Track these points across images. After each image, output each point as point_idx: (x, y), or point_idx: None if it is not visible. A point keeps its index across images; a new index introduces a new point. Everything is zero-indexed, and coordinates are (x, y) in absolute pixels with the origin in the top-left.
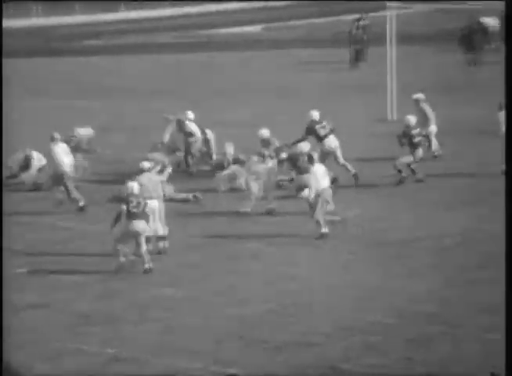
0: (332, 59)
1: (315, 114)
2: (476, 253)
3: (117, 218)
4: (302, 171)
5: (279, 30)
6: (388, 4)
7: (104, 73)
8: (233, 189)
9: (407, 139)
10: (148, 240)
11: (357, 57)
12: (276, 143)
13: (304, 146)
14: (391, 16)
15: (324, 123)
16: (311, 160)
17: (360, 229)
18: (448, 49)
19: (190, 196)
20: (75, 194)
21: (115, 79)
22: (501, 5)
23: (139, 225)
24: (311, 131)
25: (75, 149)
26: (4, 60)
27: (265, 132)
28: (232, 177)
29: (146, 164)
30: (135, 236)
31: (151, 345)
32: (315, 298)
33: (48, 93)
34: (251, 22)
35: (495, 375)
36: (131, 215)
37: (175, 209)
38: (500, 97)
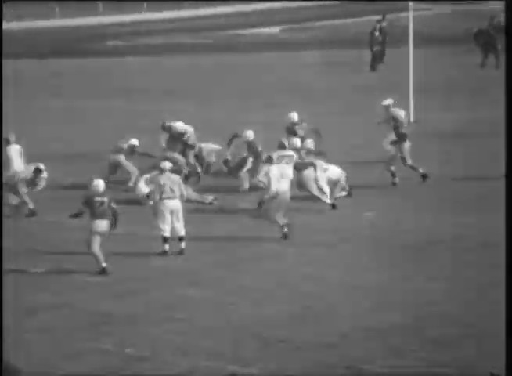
0: (351, 61)
1: (294, 116)
2: (494, 255)
3: (77, 215)
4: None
5: (297, 31)
6: (410, 4)
7: (126, 74)
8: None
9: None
10: (166, 240)
11: (377, 59)
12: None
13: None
14: (411, 16)
15: (304, 124)
16: (269, 160)
17: (379, 230)
18: (469, 50)
19: (209, 199)
20: (25, 198)
21: (137, 80)
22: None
23: (101, 224)
24: (290, 132)
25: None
26: (26, 60)
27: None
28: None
29: (167, 164)
30: (95, 235)
31: (171, 344)
32: (334, 298)
33: (69, 93)
34: (270, 23)
35: (495, 375)
36: (94, 214)
37: (195, 209)
38: None
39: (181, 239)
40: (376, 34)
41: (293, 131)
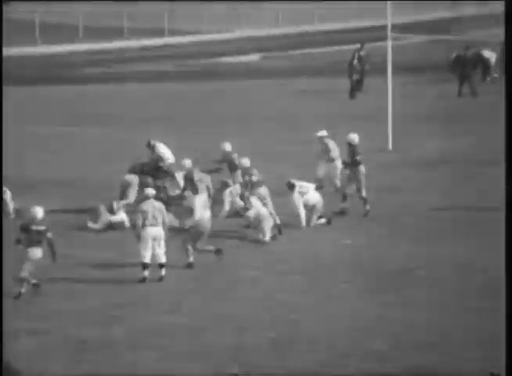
0: (330, 89)
1: (228, 146)
2: (474, 282)
3: (17, 241)
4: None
5: (277, 59)
6: (389, 34)
7: (104, 100)
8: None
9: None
10: (146, 266)
11: (356, 87)
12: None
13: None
14: (389, 45)
15: (235, 154)
16: (194, 190)
17: (357, 258)
18: (445, 79)
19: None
20: None
21: (115, 107)
22: (499, 37)
23: (36, 252)
24: (226, 161)
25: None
26: (4, 88)
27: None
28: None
29: (151, 191)
30: (27, 262)
31: (150, 371)
32: (312, 325)
33: (49, 120)
34: (250, 51)
35: (495, 375)
36: (30, 241)
37: (174, 235)
38: (499, 127)
39: (161, 266)
40: (355, 62)
41: (229, 160)
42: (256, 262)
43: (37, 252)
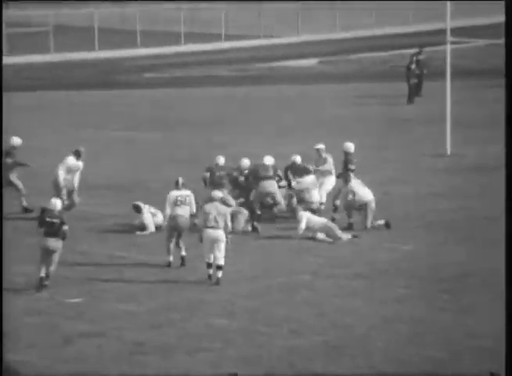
0: (388, 93)
1: (298, 158)
2: None
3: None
4: None
5: (335, 63)
6: (448, 38)
7: (162, 105)
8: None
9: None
10: (210, 266)
11: (414, 92)
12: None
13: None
14: (448, 49)
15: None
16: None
17: (413, 263)
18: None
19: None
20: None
21: (173, 111)
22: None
23: (53, 243)
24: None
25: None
26: (65, 92)
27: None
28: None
29: (218, 194)
30: (48, 253)
31: (204, 375)
32: (368, 330)
33: (107, 125)
34: (308, 55)
35: (494, 375)
36: (47, 232)
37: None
38: None
39: (219, 267)
40: (413, 66)
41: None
42: (311, 266)
43: (51, 243)
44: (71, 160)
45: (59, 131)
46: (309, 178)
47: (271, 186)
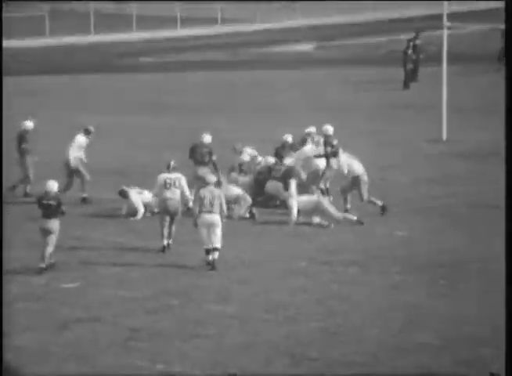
0: (384, 78)
1: (290, 138)
2: None
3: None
4: None
5: (331, 49)
6: (445, 23)
7: (156, 89)
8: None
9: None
10: (208, 251)
11: (410, 77)
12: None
13: None
14: (444, 34)
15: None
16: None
17: (409, 249)
18: (501, 69)
19: (247, 214)
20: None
21: (166, 96)
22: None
23: (49, 224)
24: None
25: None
26: (62, 76)
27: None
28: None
29: (212, 178)
30: (46, 234)
31: (201, 361)
32: (364, 317)
33: (102, 110)
34: (303, 40)
35: (494, 375)
36: (44, 214)
37: (226, 225)
38: None
39: (215, 249)
40: (409, 52)
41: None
42: (307, 253)
43: (48, 224)
44: (81, 138)
45: (55, 115)
46: (307, 148)
47: (274, 188)
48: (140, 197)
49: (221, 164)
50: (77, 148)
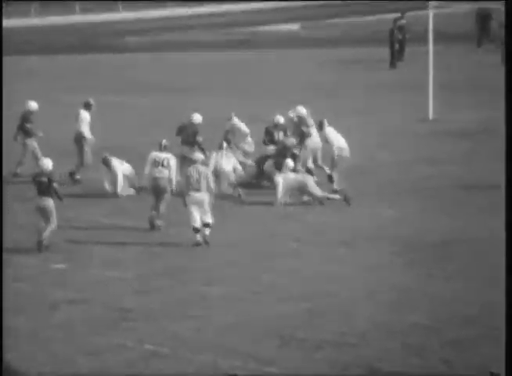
0: (370, 58)
1: (281, 119)
2: None
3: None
4: None
5: (317, 29)
6: (430, 3)
7: (143, 69)
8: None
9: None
10: (197, 230)
11: (396, 57)
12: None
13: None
14: (430, 14)
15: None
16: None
17: (396, 230)
18: (488, 49)
19: (237, 194)
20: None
21: (156, 76)
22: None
23: (43, 201)
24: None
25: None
26: (49, 56)
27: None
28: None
29: (199, 156)
30: (41, 212)
31: (190, 342)
32: (353, 297)
33: (91, 90)
34: (289, 20)
35: (494, 375)
36: (40, 192)
37: (214, 206)
38: None
39: (206, 225)
40: (396, 31)
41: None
42: (296, 233)
43: (41, 202)
44: (85, 113)
45: (44, 96)
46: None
47: (269, 166)
48: (121, 168)
49: (209, 142)
50: (86, 125)
